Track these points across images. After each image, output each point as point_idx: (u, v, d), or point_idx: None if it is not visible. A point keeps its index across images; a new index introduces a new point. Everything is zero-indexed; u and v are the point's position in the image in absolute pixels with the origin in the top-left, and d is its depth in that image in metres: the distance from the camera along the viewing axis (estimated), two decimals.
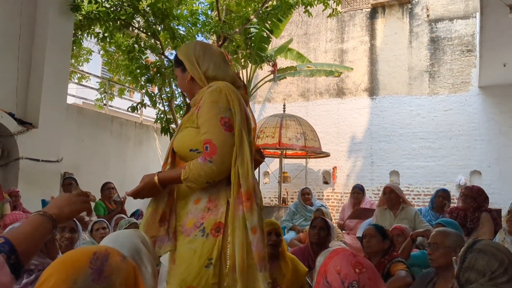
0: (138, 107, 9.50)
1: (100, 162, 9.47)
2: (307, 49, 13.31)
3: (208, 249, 1.91)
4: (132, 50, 8.87)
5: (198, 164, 1.93)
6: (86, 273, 1.06)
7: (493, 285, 1.94)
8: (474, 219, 4.54)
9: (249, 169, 2.00)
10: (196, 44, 2.23)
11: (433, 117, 11.52)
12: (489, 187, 10.37)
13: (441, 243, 2.84)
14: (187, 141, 2.05)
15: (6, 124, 6.93)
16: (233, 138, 1.98)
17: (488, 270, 1.97)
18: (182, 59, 2.18)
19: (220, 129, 1.97)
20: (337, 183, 12.40)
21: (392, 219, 4.96)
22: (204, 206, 1.98)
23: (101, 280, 1.06)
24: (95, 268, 1.07)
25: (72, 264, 1.08)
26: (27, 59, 7.40)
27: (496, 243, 2.15)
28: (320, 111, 12.87)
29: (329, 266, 1.54)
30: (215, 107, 2.00)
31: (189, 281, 1.90)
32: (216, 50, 2.24)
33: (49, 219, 1.45)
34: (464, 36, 11.53)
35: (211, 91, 2.03)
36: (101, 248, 1.15)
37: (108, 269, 1.09)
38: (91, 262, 1.08)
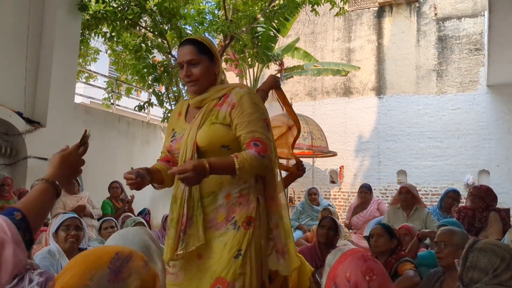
0: (145, 106, 9.53)
1: (107, 161, 9.50)
2: (314, 48, 13.28)
3: (239, 240, 1.99)
4: (139, 50, 8.90)
5: (253, 156, 1.97)
6: (104, 272, 1.05)
7: (498, 283, 1.93)
8: (483, 219, 4.51)
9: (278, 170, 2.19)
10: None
11: (441, 116, 11.45)
12: (498, 187, 10.29)
13: (449, 241, 2.84)
14: (218, 138, 2.06)
15: (14, 123, 6.97)
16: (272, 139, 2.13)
17: (491, 267, 1.96)
18: (213, 51, 2.19)
19: (266, 129, 2.07)
20: (344, 183, 12.37)
21: (405, 219, 4.94)
22: (236, 201, 2.06)
23: (117, 281, 1.05)
24: (114, 269, 1.07)
25: (93, 261, 1.08)
26: (35, 59, 7.44)
27: (496, 241, 2.15)
28: (327, 110, 12.84)
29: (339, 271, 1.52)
30: (259, 109, 2.09)
31: (218, 272, 1.96)
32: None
33: (52, 185, 1.46)
34: (472, 34, 11.45)
35: (249, 93, 2.10)
36: (125, 249, 1.14)
37: (127, 271, 1.08)
38: (111, 262, 1.07)
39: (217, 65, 2.19)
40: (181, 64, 2.15)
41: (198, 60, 2.14)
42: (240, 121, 2.04)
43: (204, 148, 2.06)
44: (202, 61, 2.15)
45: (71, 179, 1.65)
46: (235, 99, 2.07)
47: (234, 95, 2.09)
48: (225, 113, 2.07)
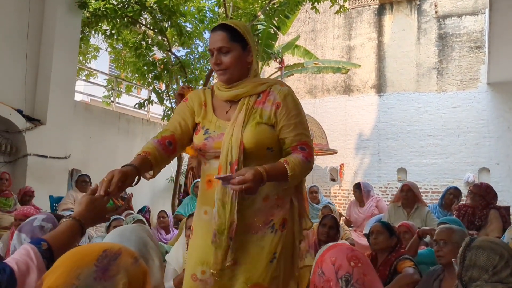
0: (145, 104, 9.53)
1: (107, 159, 9.50)
2: (315, 46, 13.27)
3: (275, 244, 1.93)
4: (139, 47, 8.89)
5: (301, 162, 1.91)
6: (90, 270, 1.04)
7: (498, 281, 1.93)
8: (483, 217, 4.50)
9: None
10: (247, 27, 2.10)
11: (441, 114, 11.45)
12: (498, 185, 10.29)
13: (448, 240, 2.84)
14: (265, 139, 1.95)
15: (15, 121, 6.97)
16: None
17: (490, 265, 1.96)
18: (247, 38, 2.02)
19: (309, 132, 2.03)
20: (344, 180, 12.37)
21: (405, 217, 4.93)
22: (274, 203, 1.97)
23: (104, 279, 1.04)
24: (101, 266, 1.05)
25: (79, 259, 1.07)
26: (35, 56, 7.44)
27: (493, 238, 2.15)
28: (327, 108, 12.83)
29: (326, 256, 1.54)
30: (302, 110, 2.03)
31: (255, 278, 1.88)
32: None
33: (78, 223, 1.52)
34: (472, 32, 11.44)
35: (291, 92, 2.02)
36: (114, 246, 1.13)
37: (114, 268, 1.06)
38: (98, 260, 1.06)
39: (250, 54, 2.03)
40: (212, 51, 2.00)
41: (229, 47, 1.98)
42: (287, 123, 1.95)
43: (250, 149, 1.93)
44: (233, 48, 1.98)
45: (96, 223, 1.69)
46: (279, 98, 1.96)
47: (277, 93, 1.98)
48: (270, 112, 1.95)
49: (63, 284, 1.01)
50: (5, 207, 5.46)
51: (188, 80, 9.19)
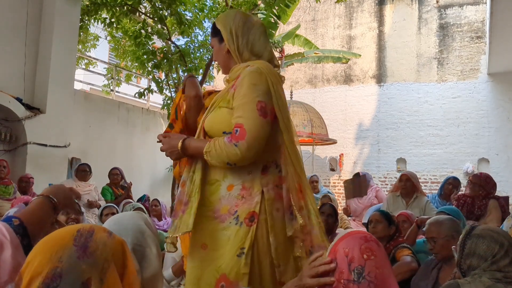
0: (145, 93, 9.50)
1: (107, 148, 9.51)
2: (315, 35, 13.22)
3: (241, 238, 1.85)
4: (139, 36, 8.85)
5: (223, 144, 1.84)
6: (71, 250, 1.05)
7: (496, 269, 1.93)
8: (482, 206, 4.52)
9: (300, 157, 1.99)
10: (237, 14, 2.08)
11: (441, 104, 11.44)
12: (497, 175, 10.31)
13: (438, 235, 2.84)
14: (220, 123, 1.94)
15: (14, 109, 6.96)
16: (268, 125, 1.88)
17: (490, 254, 1.97)
18: (220, 29, 2.04)
19: (255, 114, 1.85)
20: (343, 170, 12.39)
21: (404, 207, 4.94)
22: (238, 194, 1.91)
23: (87, 256, 1.05)
24: (80, 245, 1.06)
25: (56, 243, 1.07)
26: (34, 45, 7.41)
27: (494, 227, 2.15)
28: (327, 98, 12.81)
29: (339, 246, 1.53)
30: (254, 90, 1.87)
31: (223, 268, 1.85)
32: (257, 22, 2.09)
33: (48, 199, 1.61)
34: (473, 22, 11.39)
35: (250, 72, 1.90)
36: (85, 225, 1.15)
37: (93, 245, 1.08)
38: (75, 240, 1.07)
39: (223, 43, 2.04)
40: None
41: (212, 44, 2.11)
42: (236, 104, 1.89)
43: (209, 133, 1.97)
44: (213, 43, 2.10)
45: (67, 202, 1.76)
46: (240, 79, 1.91)
47: (240, 74, 1.94)
48: (229, 96, 1.93)
49: (46, 270, 1.02)
50: (4, 195, 5.47)
51: (188, 69, 9.15)
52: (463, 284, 1.92)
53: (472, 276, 1.96)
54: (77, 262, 1.04)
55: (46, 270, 1.02)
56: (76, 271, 1.03)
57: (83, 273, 1.03)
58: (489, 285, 1.88)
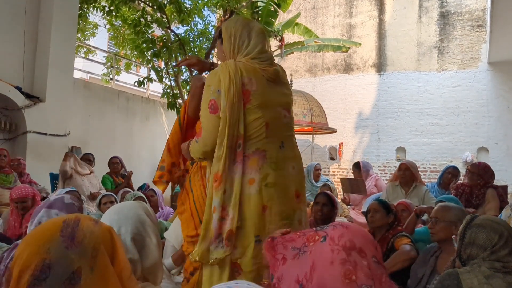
0: (144, 81, 9.49)
1: (107, 137, 9.51)
2: (315, 24, 13.16)
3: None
4: (138, 24, 8.81)
5: (194, 142, 2.24)
6: (58, 241, 1.05)
7: (495, 259, 1.95)
8: (480, 195, 4.54)
9: (222, 153, 2.10)
10: (238, 20, 2.33)
11: (441, 93, 11.42)
12: (496, 164, 10.34)
13: (442, 217, 2.86)
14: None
15: (14, 98, 6.95)
16: (217, 120, 2.11)
17: (489, 244, 1.98)
18: (222, 32, 2.30)
19: (207, 112, 2.14)
20: (343, 159, 12.41)
21: (403, 196, 4.95)
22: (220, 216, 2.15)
23: (75, 246, 1.06)
24: (67, 235, 1.07)
25: (43, 235, 1.07)
26: (33, 33, 7.38)
27: (494, 217, 2.15)
28: (327, 87, 12.79)
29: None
30: (208, 90, 2.16)
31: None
32: (256, 27, 2.31)
33: None
34: (474, 11, 11.34)
35: (209, 74, 2.19)
36: (71, 216, 1.15)
37: (80, 234, 1.08)
38: (62, 230, 1.07)
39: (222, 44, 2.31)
40: None
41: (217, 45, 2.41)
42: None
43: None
44: (218, 44, 2.40)
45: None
46: None
47: None
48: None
49: (35, 262, 1.02)
50: (5, 183, 5.47)
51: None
52: (462, 273, 1.94)
53: (472, 266, 1.97)
54: (66, 252, 1.04)
55: (34, 262, 1.02)
56: (65, 261, 1.03)
57: (72, 263, 1.03)
58: (488, 274, 1.90)
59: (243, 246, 2.10)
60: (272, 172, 2.15)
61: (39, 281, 1.00)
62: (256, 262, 2.10)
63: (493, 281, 1.87)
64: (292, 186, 2.24)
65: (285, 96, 2.32)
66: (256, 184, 2.12)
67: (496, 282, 1.87)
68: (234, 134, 2.11)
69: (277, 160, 2.19)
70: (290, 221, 2.18)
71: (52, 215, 2.11)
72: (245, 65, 2.18)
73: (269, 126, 2.19)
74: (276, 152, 2.20)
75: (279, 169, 2.18)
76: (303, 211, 2.30)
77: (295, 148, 2.35)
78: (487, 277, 1.89)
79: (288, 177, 2.23)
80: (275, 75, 2.25)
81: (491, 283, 1.87)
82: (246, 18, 2.44)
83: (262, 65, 2.22)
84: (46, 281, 1.00)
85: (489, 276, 1.89)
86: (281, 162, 2.21)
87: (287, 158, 2.24)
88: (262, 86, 2.19)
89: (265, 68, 2.21)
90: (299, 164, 2.33)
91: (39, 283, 1.00)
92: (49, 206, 2.18)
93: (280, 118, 2.25)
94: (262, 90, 2.18)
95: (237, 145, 2.13)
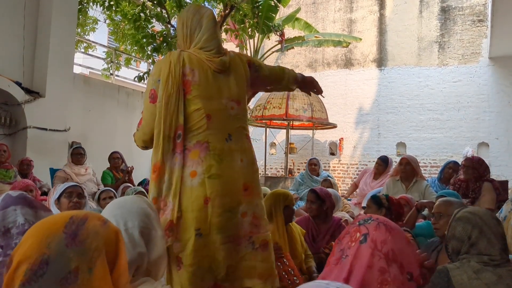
0: (144, 77, 9.46)
1: (107, 132, 9.50)
2: (315, 19, 13.12)
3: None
4: (138, 19, 8.78)
5: (136, 131, 2.35)
6: (60, 238, 1.03)
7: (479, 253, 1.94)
8: (476, 189, 4.56)
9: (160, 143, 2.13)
10: (190, 7, 2.34)
11: (442, 88, 11.40)
12: (497, 159, 10.34)
13: (445, 212, 2.86)
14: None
15: (13, 93, 6.94)
16: (155, 108, 2.17)
17: (465, 235, 1.97)
18: (177, 22, 2.40)
19: (147, 101, 2.22)
20: (343, 155, 12.40)
21: (404, 191, 4.95)
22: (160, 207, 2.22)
23: (75, 244, 1.03)
24: (69, 233, 1.04)
25: (48, 228, 1.06)
26: (33, 28, 7.36)
27: (475, 208, 2.14)
28: (327, 82, 12.74)
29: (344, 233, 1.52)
30: (150, 80, 2.24)
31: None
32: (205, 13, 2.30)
33: None
34: (475, 5, 11.30)
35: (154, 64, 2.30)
36: (80, 212, 1.13)
37: (84, 233, 1.06)
38: (66, 226, 1.05)
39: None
40: None
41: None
42: None
43: None
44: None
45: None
46: None
47: None
48: None
49: (34, 255, 1.01)
50: (5, 178, 5.47)
51: None
52: (452, 270, 1.93)
53: (461, 261, 1.97)
54: (65, 250, 1.02)
55: (34, 255, 1.00)
56: (63, 259, 1.01)
57: (70, 262, 1.01)
58: (478, 268, 1.90)
59: (184, 239, 2.09)
60: (216, 164, 2.13)
61: (36, 277, 0.98)
62: (197, 255, 2.08)
63: (483, 275, 1.87)
64: (240, 179, 2.21)
65: (236, 87, 2.28)
66: (198, 177, 2.11)
67: (486, 275, 1.87)
68: (172, 124, 2.12)
69: (222, 152, 2.17)
70: (233, 214, 2.16)
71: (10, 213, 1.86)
72: (190, 55, 2.20)
73: (212, 118, 2.17)
74: (221, 144, 2.18)
75: (225, 161, 2.16)
76: (252, 204, 2.25)
77: (244, 140, 2.31)
78: (476, 272, 1.89)
79: (235, 169, 2.20)
80: (221, 66, 2.23)
81: (480, 277, 1.87)
82: (198, 5, 2.44)
83: (209, 55, 2.21)
84: (43, 277, 0.99)
85: (479, 271, 1.89)
86: (227, 154, 2.19)
87: (234, 150, 2.22)
88: (205, 77, 2.19)
89: (211, 59, 2.21)
90: (249, 157, 2.30)
91: (36, 279, 0.98)
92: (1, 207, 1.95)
93: (225, 110, 2.23)
94: (204, 82, 2.18)
95: (176, 135, 2.13)
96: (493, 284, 1.84)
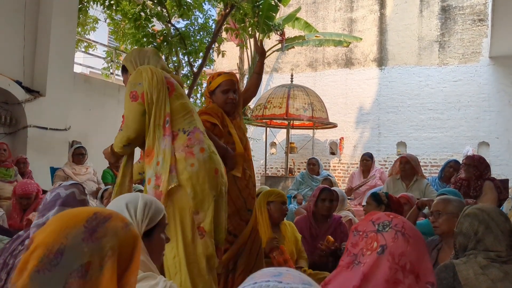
0: None
1: (107, 131, 9.46)
2: (316, 18, 13.12)
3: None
4: (139, 18, 8.78)
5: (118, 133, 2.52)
6: (79, 231, 1.04)
7: (486, 249, 1.93)
8: (477, 188, 4.55)
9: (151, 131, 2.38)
10: (133, 51, 2.71)
11: (442, 88, 11.40)
12: (497, 159, 10.34)
13: (443, 210, 2.85)
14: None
15: (14, 92, 6.94)
16: (137, 106, 2.39)
17: (471, 231, 1.97)
18: (125, 64, 2.61)
19: (128, 101, 2.41)
20: (344, 154, 12.40)
21: (404, 190, 4.95)
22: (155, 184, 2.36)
23: (91, 240, 1.04)
24: (89, 228, 1.05)
25: (71, 218, 1.07)
26: (33, 27, 7.36)
27: (484, 205, 2.15)
28: (328, 82, 12.76)
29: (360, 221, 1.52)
30: (129, 85, 2.43)
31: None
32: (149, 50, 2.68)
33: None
34: (476, 5, 11.30)
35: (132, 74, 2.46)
36: (106, 210, 1.13)
37: (103, 231, 1.06)
38: (88, 221, 1.06)
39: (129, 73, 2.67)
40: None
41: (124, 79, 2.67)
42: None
43: None
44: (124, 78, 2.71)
45: None
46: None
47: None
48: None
49: (52, 242, 1.01)
50: (6, 177, 5.47)
51: (188, 52, 9.10)
52: (458, 265, 1.93)
53: (468, 257, 1.97)
54: (80, 243, 1.02)
55: (51, 242, 1.01)
56: (77, 251, 1.02)
57: (83, 256, 1.02)
58: (485, 264, 1.89)
59: (204, 209, 2.35)
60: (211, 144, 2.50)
61: (50, 266, 0.99)
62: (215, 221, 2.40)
63: (489, 271, 1.87)
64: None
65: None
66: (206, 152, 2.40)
67: (493, 271, 1.86)
68: (162, 114, 2.37)
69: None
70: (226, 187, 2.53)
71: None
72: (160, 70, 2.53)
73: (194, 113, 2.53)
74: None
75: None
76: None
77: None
78: (483, 268, 1.88)
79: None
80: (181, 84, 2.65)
81: (487, 273, 1.86)
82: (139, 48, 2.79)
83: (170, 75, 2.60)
84: (56, 267, 0.99)
85: (485, 266, 1.88)
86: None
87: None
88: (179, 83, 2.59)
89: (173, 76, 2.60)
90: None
91: (50, 268, 0.99)
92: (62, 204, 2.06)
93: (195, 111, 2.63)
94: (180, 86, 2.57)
95: (165, 121, 2.38)
96: (499, 280, 1.83)
